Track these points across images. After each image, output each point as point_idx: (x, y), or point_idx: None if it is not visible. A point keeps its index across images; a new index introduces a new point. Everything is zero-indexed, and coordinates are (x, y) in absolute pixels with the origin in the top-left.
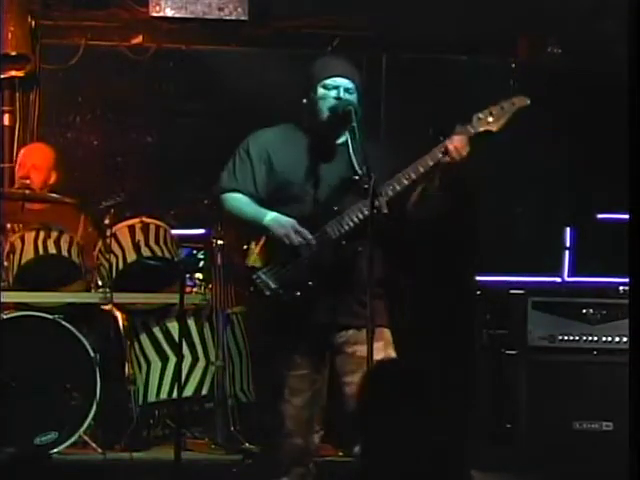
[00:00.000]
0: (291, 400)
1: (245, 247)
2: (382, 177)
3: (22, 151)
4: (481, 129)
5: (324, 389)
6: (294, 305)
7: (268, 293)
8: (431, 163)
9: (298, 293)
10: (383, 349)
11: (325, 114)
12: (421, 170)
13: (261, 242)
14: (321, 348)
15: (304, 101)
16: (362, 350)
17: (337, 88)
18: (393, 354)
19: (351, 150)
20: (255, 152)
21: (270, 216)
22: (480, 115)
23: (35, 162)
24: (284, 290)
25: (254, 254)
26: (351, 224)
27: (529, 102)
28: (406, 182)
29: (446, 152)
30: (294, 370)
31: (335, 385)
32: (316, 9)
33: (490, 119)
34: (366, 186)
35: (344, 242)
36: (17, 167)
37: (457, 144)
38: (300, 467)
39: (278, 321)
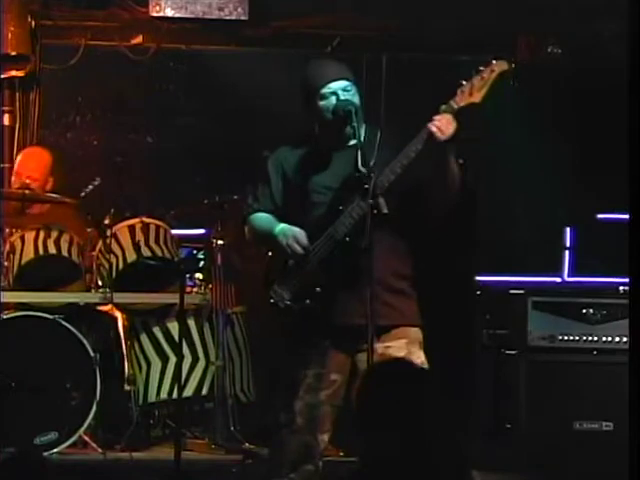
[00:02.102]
0: (304, 397)
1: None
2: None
3: (18, 159)
4: (463, 103)
5: (342, 389)
6: (308, 313)
7: (282, 306)
8: (420, 146)
9: (308, 301)
10: (405, 348)
11: (330, 121)
12: (412, 155)
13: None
14: (340, 348)
15: (308, 112)
16: (382, 348)
17: (335, 93)
18: (417, 353)
19: (358, 152)
20: (272, 167)
21: (278, 227)
22: (462, 88)
23: (30, 173)
24: (296, 300)
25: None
26: (352, 221)
27: (507, 66)
28: (399, 170)
29: (431, 134)
30: (310, 369)
31: (351, 384)
32: (316, 9)
33: (472, 90)
34: (366, 186)
35: (347, 239)
36: (14, 176)
37: (438, 124)
38: (309, 465)
39: (296, 327)
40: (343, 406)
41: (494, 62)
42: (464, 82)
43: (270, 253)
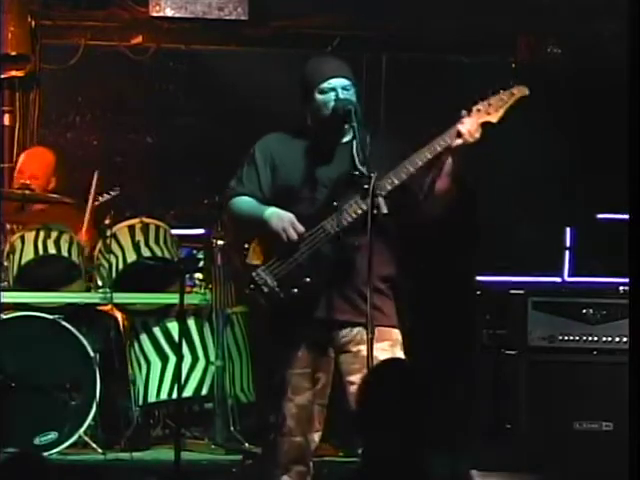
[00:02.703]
0: (293, 398)
1: (246, 246)
2: (382, 177)
3: (22, 157)
4: (480, 121)
5: (327, 388)
6: (294, 302)
7: (266, 290)
8: (430, 156)
9: (295, 290)
10: (389, 349)
11: (327, 117)
12: (419, 163)
13: (261, 239)
14: (324, 346)
15: (304, 106)
16: (366, 351)
17: (334, 90)
18: (400, 355)
19: (353, 148)
20: (260, 155)
21: (270, 210)
22: (479, 106)
23: (33, 172)
24: (283, 287)
25: (254, 251)
26: (349, 219)
27: (528, 92)
28: (405, 176)
29: (459, 135)
30: (296, 368)
31: (339, 384)
32: (316, 9)
33: (489, 110)
34: (366, 186)
35: (341, 235)
36: (16, 173)
37: (470, 127)
38: (300, 465)
39: (279, 318)
40: (336, 406)
41: (515, 87)
42: (480, 101)
43: (247, 245)
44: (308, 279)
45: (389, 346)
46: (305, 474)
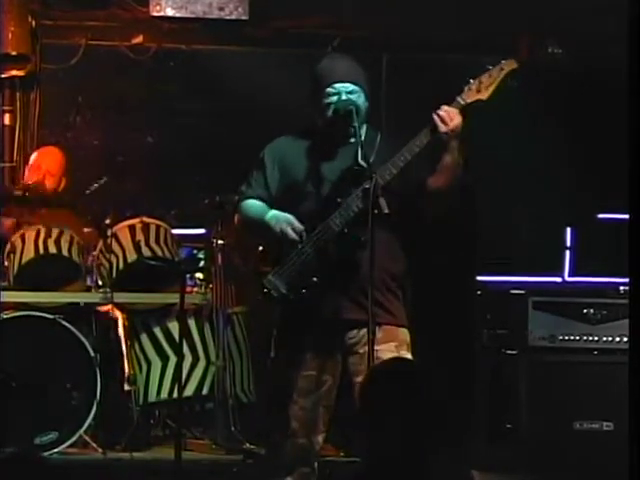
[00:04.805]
0: (298, 401)
1: (260, 248)
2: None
3: (35, 154)
4: (470, 100)
5: (333, 390)
6: (304, 305)
7: (277, 295)
8: (425, 140)
9: (304, 290)
10: (395, 350)
11: (330, 118)
12: (416, 149)
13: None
14: (331, 348)
15: (311, 105)
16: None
17: (338, 94)
18: (407, 355)
19: (358, 148)
20: (269, 158)
21: (270, 214)
22: (470, 85)
23: (50, 168)
24: (292, 289)
25: (261, 256)
26: (351, 213)
27: (516, 65)
28: (402, 164)
29: (435, 125)
30: (303, 371)
31: (345, 385)
32: (316, 9)
33: (480, 88)
34: (367, 186)
35: (346, 230)
36: (28, 171)
37: (444, 114)
38: (305, 467)
39: (288, 320)
40: (339, 407)
41: (503, 61)
42: (471, 80)
43: (261, 248)
44: (315, 278)
45: (395, 347)
46: (309, 475)
